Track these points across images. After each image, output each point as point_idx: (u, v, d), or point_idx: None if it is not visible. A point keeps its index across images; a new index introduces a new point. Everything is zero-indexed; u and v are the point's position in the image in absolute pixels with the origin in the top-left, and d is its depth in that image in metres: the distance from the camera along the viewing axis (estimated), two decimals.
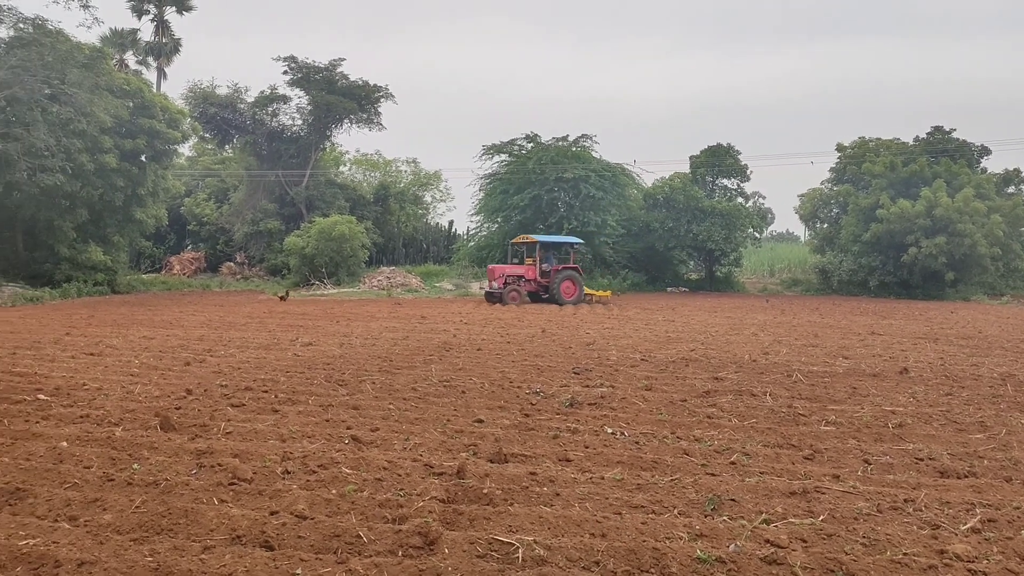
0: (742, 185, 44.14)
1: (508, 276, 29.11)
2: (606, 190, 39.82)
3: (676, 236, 40.48)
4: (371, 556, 4.27)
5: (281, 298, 29.49)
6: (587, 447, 6.75)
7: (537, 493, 5.37)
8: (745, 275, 49.98)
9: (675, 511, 5.08)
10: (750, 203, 44.24)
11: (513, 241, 32.50)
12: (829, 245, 41.39)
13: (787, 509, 5.13)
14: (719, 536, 4.60)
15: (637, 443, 6.95)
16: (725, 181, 44.42)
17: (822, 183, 44.35)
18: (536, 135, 42.60)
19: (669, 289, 41.11)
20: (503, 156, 43.32)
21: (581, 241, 32.92)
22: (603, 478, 5.76)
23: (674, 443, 6.95)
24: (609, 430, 7.42)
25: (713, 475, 5.93)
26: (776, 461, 6.41)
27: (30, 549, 4.24)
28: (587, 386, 9.96)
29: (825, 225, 43.44)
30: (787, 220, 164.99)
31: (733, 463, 6.29)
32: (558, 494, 5.34)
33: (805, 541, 4.58)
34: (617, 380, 10.43)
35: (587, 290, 30.31)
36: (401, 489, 5.46)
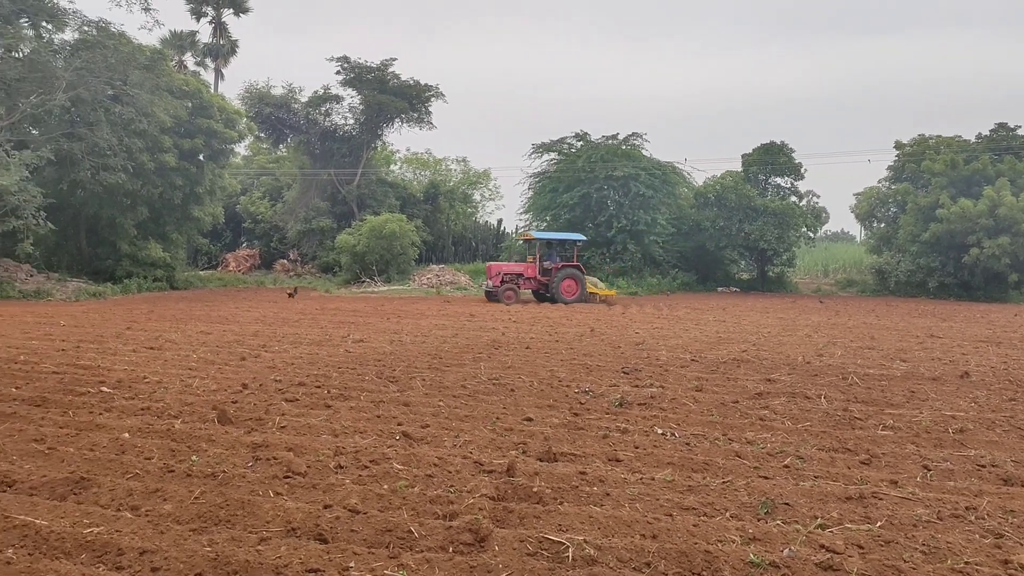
0: (796, 183, 43.31)
1: (505, 274, 28.56)
2: (656, 188, 39.52)
3: (727, 235, 39.94)
4: (422, 552, 4.31)
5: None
6: (637, 447, 6.72)
7: (587, 493, 5.36)
8: (798, 275, 49.08)
9: (727, 514, 5.03)
10: (804, 202, 43.26)
11: (517, 238, 32.29)
12: (886, 245, 40.37)
13: (843, 514, 5.03)
14: (773, 540, 4.54)
15: (688, 444, 6.88)
16: (778, 179, 43.63)
17: (879, 182, 43.29)
18: (586, 133, 42.50)
19: (720, 289, 40.58)
20: (552, 154, 43.29)
21: (584, 238, 32.07)
22: (653, 479, 5.73)
23: (725, 445, 6.87)
24: (659, 431, 7.37)
25: (766, 478, 5.84)
26: (831, 465, 6.29)
27: (94, 537, 4.38)
28: (636, 386, 9.90)
29: (882, 224, 42.38)
30: (842, 219, 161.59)
31: (787, 466, 6.19)
32: (608, 494, 5.32)
33: (862, 548, 4.48)
34: (667, 380, 10.35)
35: (592, 288, 29.41)
36: (451, 486, 5.51)
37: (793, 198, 42.77)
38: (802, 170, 42.72)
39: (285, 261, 45.54)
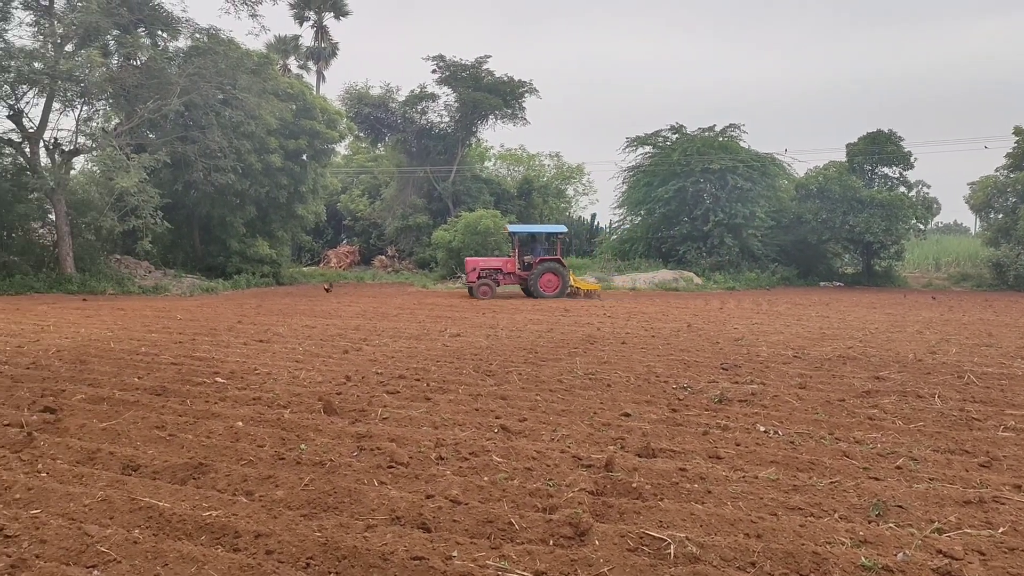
0: (904, 173, 41.33)
1: (482, 269, 27.75)
2: (755, 181, 38.50)
3: (830, 228, 38.46)
4: (523, 543, 4.36)
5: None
6: (738, 445, 6.58)
7: (688, 490, 5.29)
8: (907, 269, 46.91)
9: (836, 515, 4.86)
10: (913, 192, 41.27)
11: (503, 230, 30.97)
12: (1004, 237, 38.03)
13: (961, 519, 4.80)
14: (885, 544, 4.37)
15: (792, 443, 6.69)
16: (886, 169, 41.74)
17: (997, 170, 40.82)
18: (681, 126, 41.82)
19: (822, 284, 39.20)
20: (647, 148, 42.78)
21: (564, 230, 30.97)
22: (756, 477, 5.60)
23: (832, 444, 6.65)
24: (762, 428, 7.19)
25: (877, 479, 5.62)
26: (947, 467, 6.00)
27: (213, 520, 4.61)
28: (736, 382, 9.69)
29: (1000, 215, 39.93)
30: (955, 210, 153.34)
31: (899, 468, 5.94)
32: (710, 491, 5.24)
33: (983, 554, 4.26)
34: (768, 377, 10.09)
35: (576, 282, 28.40)
36: (550, 479, 5.53)
37: (902, 188, 40.86)
38: (912, 159, 40.79)
39: (383, 257, 46.67)
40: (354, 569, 4.01)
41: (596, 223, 53.64)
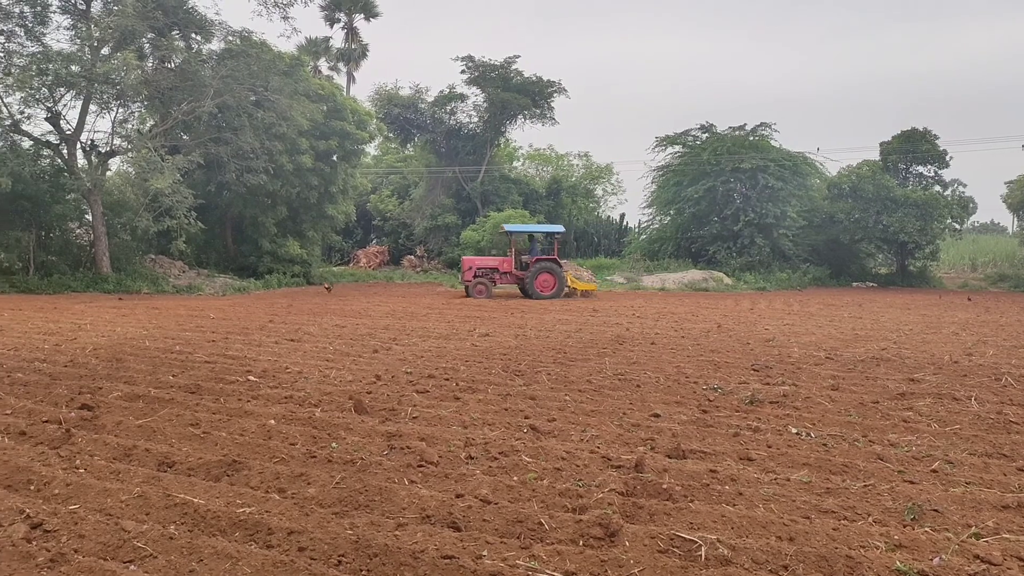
0: (940, 172, 40.63)
1: (478, 268, 27.49)
2: (786, 180, 38.12)
3: (863, 228, 37.95)
4: (553, 543, 4.36)
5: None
6: (770, 446, 6.52)
7: (718, 491, 5.25)
8: (942, 269, 46.12)
9: (870, 519, 4.80)
10: (949, 191, 40.54)
11: (501, 230, 30.46)
12: None
13: (1000, 523, 4.71)
14: (921, 548, 4.30)
15: (825, 445, 6.62)
16: (920, 168, 41.10)
17: None
18: (711, 125, 41.56)
19: (855, 284, 38.72)
20: (676, 147, 42.57)
21: (562, 229, 30.53)
22: (789, 480, 5.55)
23: (866, 447, 6.56)
24: (794, 430, 7.12)
25: (912, 483, 5.54)
26: (985, 471, 5.89)
27: (246, 517, 4.66)
28: (768, 383, 9.60)
29: None
30: (992, 209, 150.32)
31: (934, 471, 5.85)
32: (741, 493, 5.20)
33: (1022, 559, 4.18)
34: (800, 378, 9.98)
35: (572, 282, 28.16)
36: (580, 479, 5.53)
37: (937, 188, 40.19)
38: (947, 157, 40.10)
39: (412, 257, 46.89)
40: (385, 567, 4.04)
41: (625, 223, 53.44)
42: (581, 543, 4.38)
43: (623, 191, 58.72)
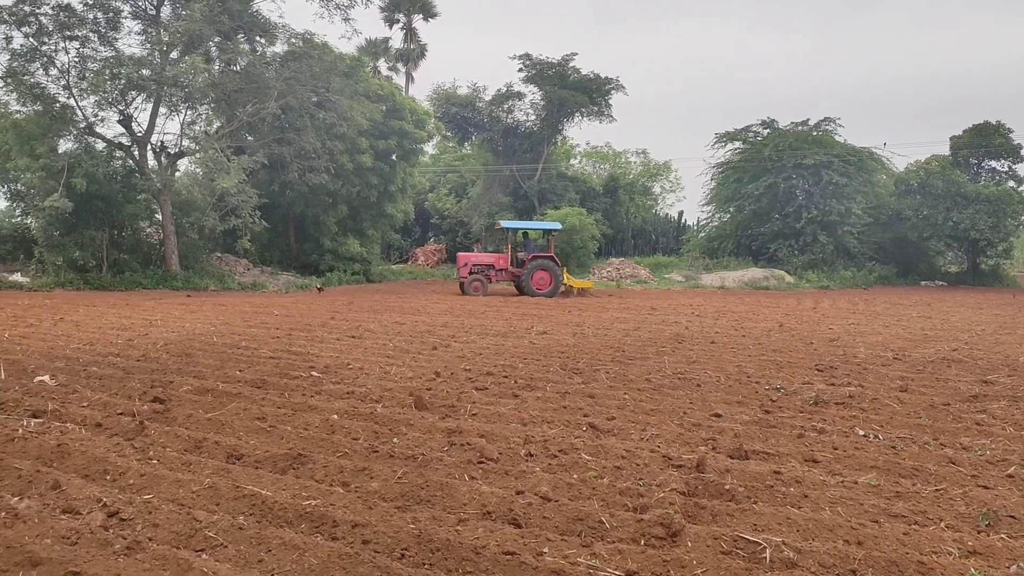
0: (1014, 167, 39.10)
1: (474, 265, 26.97)
2: (851, 176, 37.17)
3: (932, 225, 36.73)
4: (614, 542, 4.34)
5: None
6: (836, 448, 6.38)
7: (783, 493, 5.16)
8: (1017, 268, 44.41)
9: (942, 524, 4.66)
10: None
11: (498, 226, 29.66)
12: None
13: None
14: (997, 555, 4.16)
15: (893, 447, 6.45)
16: (993, 163, 39.61)
17: None
18: (773, 120, 40.79)
19: (923, 283, 37.54)
20: (737, 144, 41.92)
21: (559, 226, 29.98)
22: (856, 482, 5.42)
23: (937, 450, 6.37)
24: (860, 432, 6.95)
25: (986, 488, 5.36)
26: None
27: (312, 509, 4.76)
28: (832, 384, 9.39)
29: None
30: None
31: (1010, 476, 5.65)
32: (806, 496, 5.10)
33: None
34: (866, 379, 9.74)
35: (569, 280, 27.63)
36: (640, 479, 5.50)
37: (1011, 183, 38.68)
38: (1022, 152, 38.56)
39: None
40: (447, 562, 4.09)
41: (683, 221, 52.86)
42: (642, 542, 4.35)
43: (681, 188, 58.12)
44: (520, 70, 43.57)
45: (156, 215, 30.08)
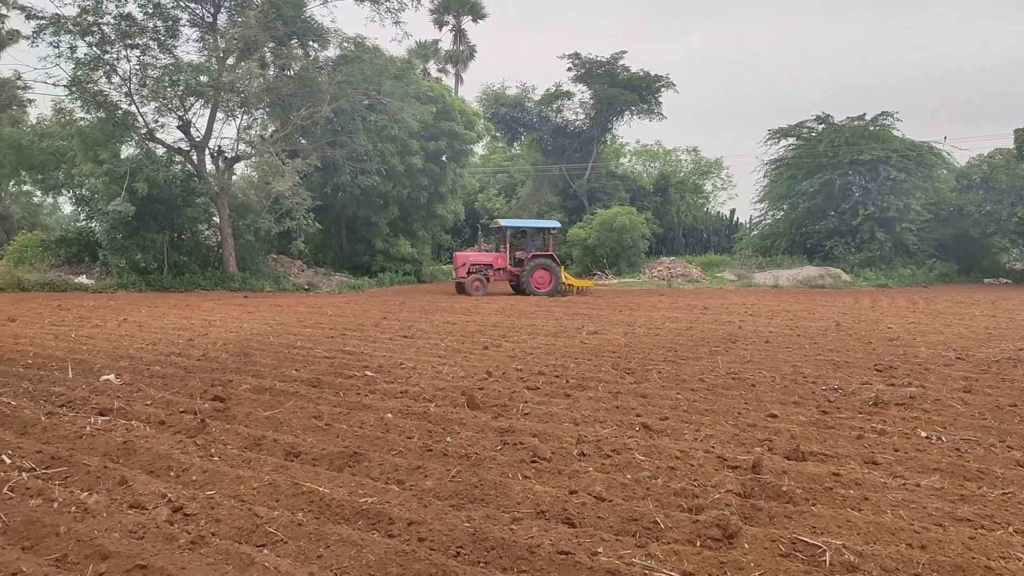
0: None
1: (472, 265, 26.75)
2: (909, 171, 36.21)
3: (996, 220, 35.52)
4: (669, 543, 4.32)
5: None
6: (897, 450, 6.23)
7: (842, 495, 5.06)
8: None
9: (1010, 528, 4.52)
10: None
11: (491, 225, 29.19)
12: None
13: None
14: None
15: (957, 449, 6.27)
16: None
17: None
18: (828, 116, 39.92)
19: (987, 280, 36.36)
20: (791, 140, 41.18)
21: (558, 225, 29.52)
22: (919, 485, 5.29)
23: (1004, 452, 6.17)
24: (923, 433, 6.78)
25: None
26: None
27: (368, 506, 4.83)
28: (892, 384, 9.17)
29: None
30: None
31: None
32: (867, 498, 4.99)
33: None
34: (928, 379, 9.48)
35: (568, 279, 27.29)
36: (695, 479, 5.45)
37: None
38: None
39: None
40: (502, 560, 4.11)
41: (735, 218, 52.15)
42: (698, 544, 4.32)
43: (733, 186, 57.54)
44: (569, 69, 43.57)
45: (214, 218, 30.83)
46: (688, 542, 4.35)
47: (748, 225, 48.47)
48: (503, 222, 28.24)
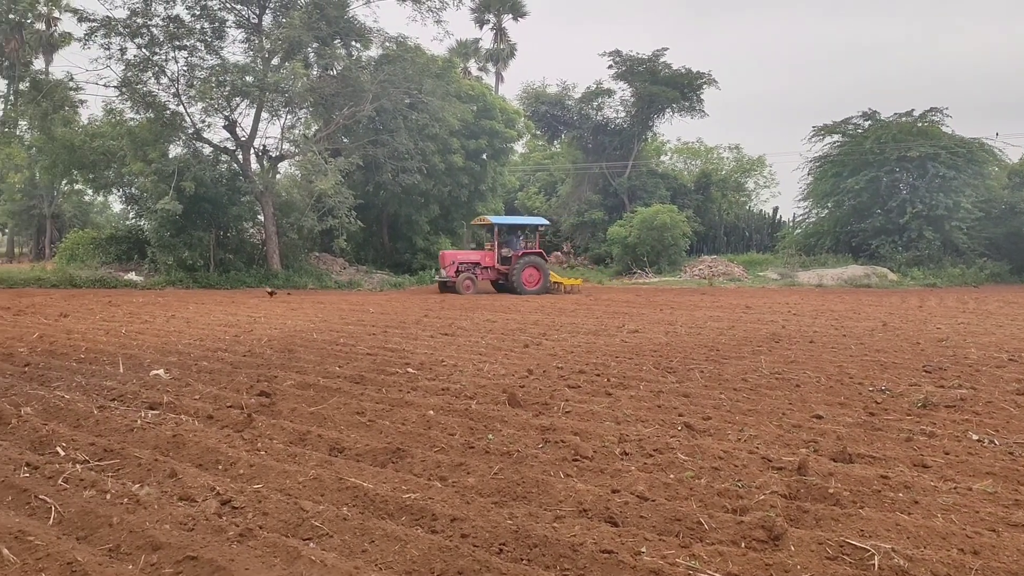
0: None
1: (461, 263, 26.09)
2: (959, 168, 35.34)
3: None
4: (713, 544, 4.28)
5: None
6: (947, 453, 6.10)
7: (891, 498, 4.97)
8: None
9: None
10: None
11: (473, 222, 28.36)
12: None
13: None
14: None
15: (1011, 453, 6.11)
16: None
17: None
18: (874, 112, 39.14)
19: None
20: (835, 137, 40.44)
21: (546, 222, 28.83)
22: (970, 489, 5.17)
23: None
24: (974, 436, 6.62)
25: None
26: None
27: (411, 502, 4.87)
28: (942, 386, 8.97)
29: None
30: None
31: None
32: (916, 502, 4.90)
33: None
34: (979, 381, 9.26)
35: (555, 277, 26.72)
36: (739, 480, 5.39)
37: None
38: None
39: (559, 253, 47.20)
40: (545, 558, 4.11)
41: (778, 217, 51.42)
42: (743, 545, 4.28)
43: (776, 184, 56.73)
44: (610, 67, 43.39)
45: (258, 216, 31.35)
46: (733, 543, 4.31)
47: (791, 223, 47.77)
48: (492, 219, 27.59)
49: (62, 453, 5.94)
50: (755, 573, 3.93)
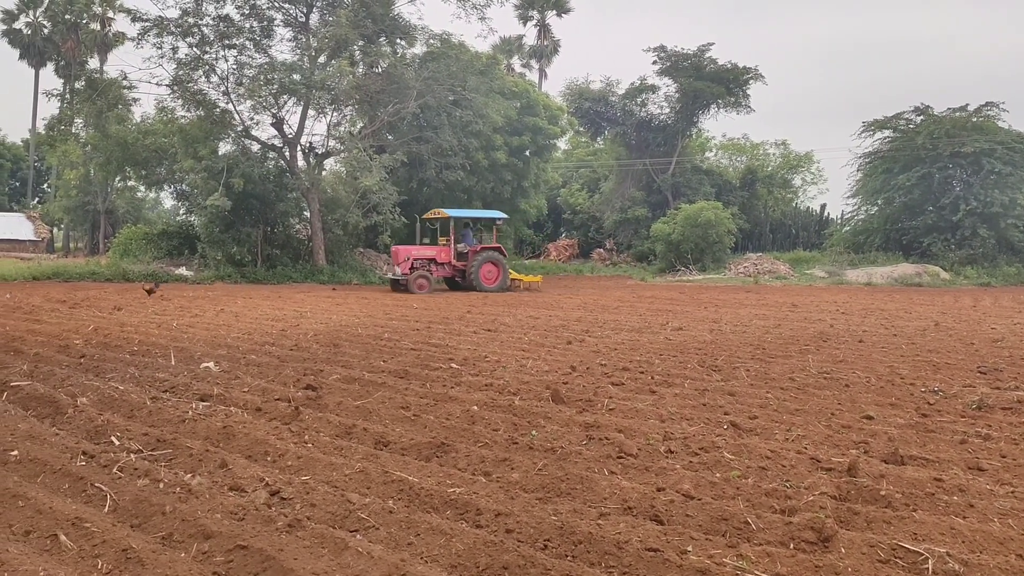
0: None
1: (415, 259, 24.57)
2: (1016, 165, 34.37)
3: None
4: (761, 544, 4.22)
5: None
6: (1004, 456, 5.93)
7: (945, 502, 4.85)
8: None
9: None
10: None
11: (424, 216, 26.59)
12: None
13: None
14: None
15: None
16: None
17: None
18: (927, 107, 38.19)
19: None
20: (886, 132, 39.58)
21: (504, 216, 27.84)
22: None
23: None
24: None
25: None
26: None
27: (456, 496, 4.90)
28: (998, 388, 8.73)
29: None
30: None
31: None
32: (972, 505, 4.77)
33: None
34: None
35: (513, 275, 25.77)
36: (787, 480, 5.32)
37: None
38: None
39: (601, 250, 47.04)
40: (590, 555, 4.10)
41: (826, 214, 50.51)
42: (791, 546, 4.21)
43: (824, 180, 55.56)
44: (654, 63, 43.02)
45: (305, 212, 31.78)
46: (781, 544, 4.25)
47: (839, 221, 46.92)
48: (448, 212, 25.90)
49: (116, 443, 6.09)
50: (804, 575, 3.87)
